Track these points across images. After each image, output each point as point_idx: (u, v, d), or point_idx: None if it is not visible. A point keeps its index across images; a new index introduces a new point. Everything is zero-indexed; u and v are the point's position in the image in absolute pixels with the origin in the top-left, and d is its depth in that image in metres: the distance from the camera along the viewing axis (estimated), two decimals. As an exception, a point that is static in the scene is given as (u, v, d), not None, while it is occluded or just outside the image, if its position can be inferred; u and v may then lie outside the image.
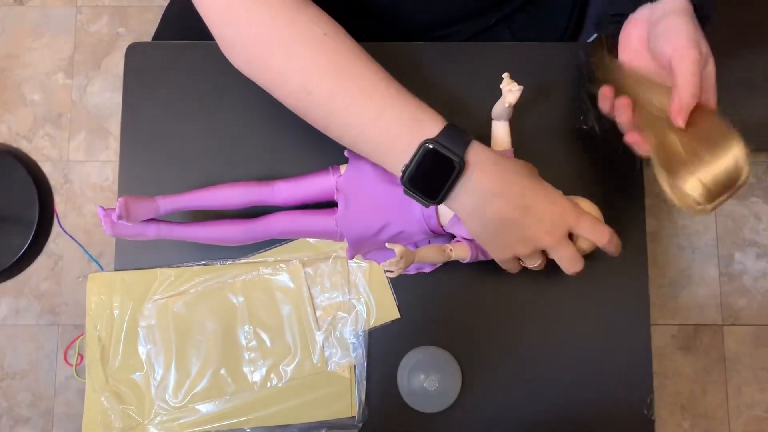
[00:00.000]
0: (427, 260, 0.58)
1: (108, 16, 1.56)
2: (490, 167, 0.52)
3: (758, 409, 1.44)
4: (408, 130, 0.52)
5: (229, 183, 0.63)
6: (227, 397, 0.65)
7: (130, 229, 0.62)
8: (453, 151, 0.50)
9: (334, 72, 0.52)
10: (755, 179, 1.51)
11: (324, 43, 0.52)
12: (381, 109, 0.52)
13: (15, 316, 1.47)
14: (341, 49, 0.53)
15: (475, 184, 0.52)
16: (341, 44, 0.53)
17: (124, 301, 0.66)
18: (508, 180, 0.52)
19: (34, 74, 1.54)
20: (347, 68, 0.52)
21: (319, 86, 0.52)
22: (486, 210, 0.52)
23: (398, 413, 0.65)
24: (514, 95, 0.56)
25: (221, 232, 0.63)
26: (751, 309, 1.47)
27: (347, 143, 0.56)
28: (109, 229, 0.61)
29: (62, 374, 1.45)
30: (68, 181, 1.50)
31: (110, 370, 0.65)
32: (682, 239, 1.49)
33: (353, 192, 0.61)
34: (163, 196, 0.62)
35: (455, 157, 0.50)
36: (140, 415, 0.65)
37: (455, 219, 0.59)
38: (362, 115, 0.52)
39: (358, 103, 0.52)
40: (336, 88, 0.52)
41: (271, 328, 0.66)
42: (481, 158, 0.52)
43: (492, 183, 0.52)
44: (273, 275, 0.66)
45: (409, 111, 0.52)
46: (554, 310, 0.67)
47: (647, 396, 0.66)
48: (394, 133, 0.52)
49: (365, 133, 0.53)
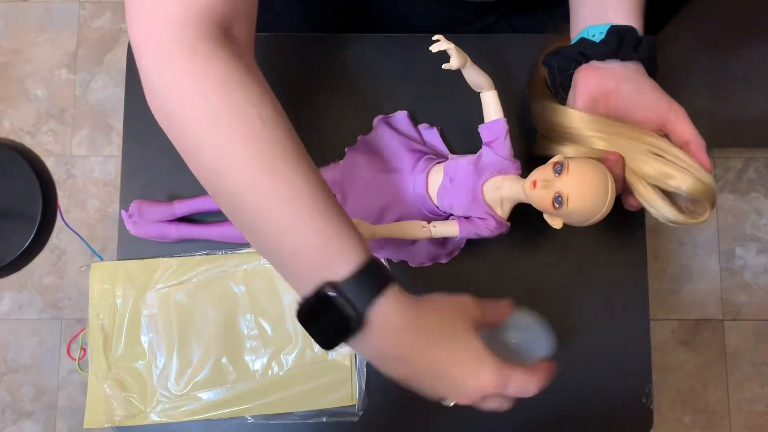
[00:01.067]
0: (400, 235, 0.57)
1: (111, 12, 1.57)
2: (395, 333, 0.45)
3: (759, 404, 1.45)
4: (311, 261, 0.45)
5: None
6: (229, 385, 0.65)
7: (152, 230, 0.66)
8: (353, 305, 0.43)
9: (256, 164, 0.44)
10: (756, 175, 1.51)
11: (254, 128, 0.44)
12: (290, 225, 0.44)
13: (18, 311, 1.48)
14: (273, 141, 0.45)
15: (371, 345, 0.46)
16: (276, 134, 0.45)
17: (127, 290, 0.67)
18: (416, 352, 0.46)
19: (38, 69, 1.55)
20: (273, 164, 0.44)
21: (233, 174, 0.44)
22: (387, 368, 0.47)
23: (398, 402, 0.66)
24: (455, 60, 0.53)
25: (236, 231, 0.65)
26: (752, 304, 1.47)
27: (253, 244, 0.49)
28: (132, 229, 0.66)
29: (65, 368, 1.46)
30: (71, 176, 1.51)
31: (113, 358, 0.66)
32: (683, 234, 1.49)
33: (348, 182, 0.62)
34: (180, 201, 0.66)
35: (353, 314, 0.43)
36: (142, 402, 0.65)
37: (441, 191, 0.59)
38: (268, 223, 0.45)
39: (267, 208, 0.44)
40: (250, 183, 0.44)
41: (273, 317, 0.66)
42: (387, 319, 0.45)
43: (392, 349, 0.46)
44: (274, 265, 0.67)
45: (323, 237, 0.44)
46: (554, 300, 0.67)
47: (646, 386, 0.66)
48: (297, 259, 0.45)
49: (268, 245, 0.46)
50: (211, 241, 0.67)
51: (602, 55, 0.57)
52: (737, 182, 1.51)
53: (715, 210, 1.50)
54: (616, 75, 0.56)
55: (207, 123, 0.44)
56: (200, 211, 0.67)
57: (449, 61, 0.54)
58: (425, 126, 0.68)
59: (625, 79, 0.56)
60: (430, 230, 0.57)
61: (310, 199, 0.45)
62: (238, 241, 0.67)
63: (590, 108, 0.56)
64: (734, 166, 1.52)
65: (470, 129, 0.60)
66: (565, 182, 0.52)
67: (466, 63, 0.55)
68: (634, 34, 0.56)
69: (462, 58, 0.54)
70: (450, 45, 0.53)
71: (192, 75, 0.44)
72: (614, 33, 0.56)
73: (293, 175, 0.45)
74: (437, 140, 0.67)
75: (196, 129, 0.45)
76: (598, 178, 0.52)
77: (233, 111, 0.44)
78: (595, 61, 0.57)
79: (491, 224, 0.57)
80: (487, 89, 0.58)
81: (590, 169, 0.52)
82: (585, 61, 0.57)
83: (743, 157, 1.52)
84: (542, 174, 0.53)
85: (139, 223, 0.66)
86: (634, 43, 0.56)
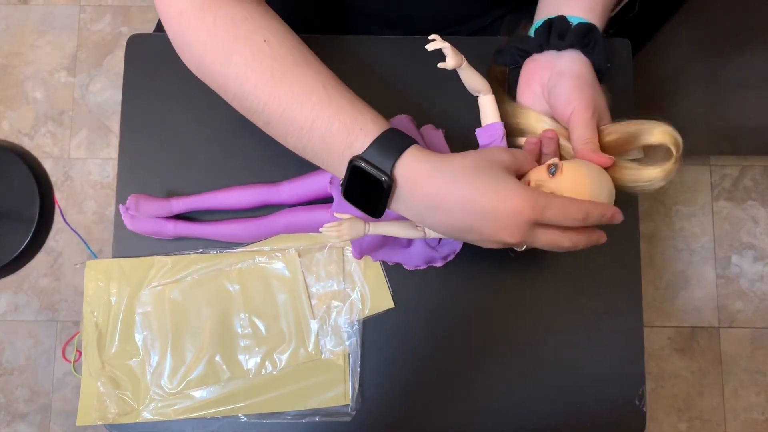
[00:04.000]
0: (393, 234, 0.57)
1: (111, 15, 1.57)
2: (423, 181, 0.49)
3: (755, 412, 1.45)
4: (338, 144, 0.51)
5: (239, 186, 0.66)
6: (222, 383, 0.65)
7: (149, 227, 0.66)
8: (380, 169, 0.49)
9: (270, 79, 0.51)
10: (752, 182, 1.51)
11: (262, 50, 0.51)
12: (312, 118, 0.51)
13: (14, 312, 1.47)
14: (279, 56, 0.52)
15: (408, 201, 0.50)
16: (281, 51, 0.52)
17: (122, 287, 0.67)
18: (443, 193, 0.49)
19: (37, 72, 1.55)
20: (283, 75, 0.51)
21: (255, 93, 0.52)
22: (431, 221, 0.51)
23: (392, 402, 0.66)
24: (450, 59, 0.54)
25: (233, 230, 0.66)
26: (748, 312, 1.47)
27: (292, 149, 0.55)
28: (129, 224, 0.66)
29: (60, 370, 1.46)
30: (69, 178, 1.51)
31: (106, 355, 0.66)
32: (679, 241, 1.49)
33: None
34: (177, 198, 0.66)
35: (382, 176, 0.49)
36: (135, 400, 0.65)
37: None
38: (295, 124, 0.51)
39: (291, 111, 0.51)
40: (270, 95, 0.51)
41: (267, 316, 0.66)
42: (412, 172, 0.49)
43: (425, 198, 0.49)
44: (269, 264, 0.67)
45: (341, 120, 0.50)
46: (547, 302, 0.67)
47: (639, 388, 0.66)
48: (327, 145, 0.51)
49: (302, 142, 0.52)
50: (208, 239, 0.67)
51: (535, 46, 0.59)
52: (733, 190, 1.52)
53: (712, 217, 1.50)
54: (551, 68, 0.58)
55: (223, 61, 0.52)
56: (197, 209, 0.67)
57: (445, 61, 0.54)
58: (431, 127, 0.67)
59: (558, 76, 0.57)
60: (423, 230, 0.58)
61: (325, 93, 0.51)
62: (235, 240, 0.67)
63: (532, 102, 0.59)
64: (730, 174, 1.52)
65: (469, 132, 0.61)
66: (558, 183, 0.52)
67: (462, 64, 0.55)
68: (563, 23, 0.57)
69: (458, 58, 0.55)
70: (445, 44, 0.54)
71: (205, 25, 0.52)
72: (545, 24, 0.58)
73: (305, 77, 0.51)
74: (441, 142, 0.66)
75: (217, 68, 0.53)
76: (592, 180, 0.52)
77: (241, 44, 0.52)
78: (536, 54, 0.59)
79: None
80: (484, 93, 0.58)
81: (585, 170, 0.52)
82: (527, 55, 0.60)
83: (739, 164, 1.52)
84: (536, 175, 0.53)
85: (136, 218, 0.66)
86: (560, 31, 0.57)
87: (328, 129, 0.50)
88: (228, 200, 0.66)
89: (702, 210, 1.51)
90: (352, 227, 0.55)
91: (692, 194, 1.51)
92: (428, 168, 0.49)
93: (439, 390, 0.66)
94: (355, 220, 0.55)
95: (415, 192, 0.49)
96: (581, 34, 0.57)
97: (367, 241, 0.62)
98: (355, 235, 0.55)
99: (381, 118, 0.52)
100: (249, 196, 0.66)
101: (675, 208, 1.51)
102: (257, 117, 0.54)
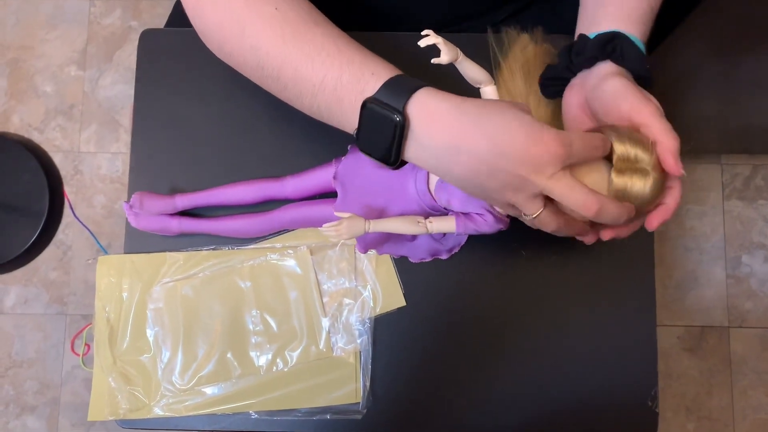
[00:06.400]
0: (395, 230, 0.57)
1: (121, 9, 1.57)
2: (444, 119, 0.46)
3: (763, 412, 1.44)
4: (350, 91, 0.49)
5: (243, 182, 0.66)
6: (233, 380, 0.65)
7: (154, 224, 0.66)
8: (391, 106, 0.46)
9: (281, 42, 0.51)
10: (764, 182, 1.50)
11: (273, 17, 0.52)
12: (324, 72, 0.50)
13: (23, 305, 1.48)
14: (290, 20, 0.52)
15: (426, 142, 0.47)
16: (291, 15, 0.52)
17: (133, 283, 0.67)
18: (469, 130, 0.45)
19: (47, 66, 1.55)
20: (293, 36, 0.51)
21: (268, 60, 0.52)
22: (453, 166, 0.47)
23: (402, 400, 0.66)
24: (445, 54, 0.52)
25: (238, 226, 0.66)
26: (758, 312, 1.47)
27: (309, 113, 0.55)
28: (134, 221, 0.66)
29: (69, 363, 1.46)
30: (78, 172, 1.52)
31: (118, 351, 0.66)
32: (690, 241, 1.49)
33: (349, 178, 0.62)
34: (181, 195, 0.66)
35: (394, 113, 0.46)
36: (147, 396, 0.65)
37: (438, 186, 0.58)
38: (307, 82, 0.51)
39: (302, 69, 0.51)
40: (282, 58, 0.51)
41: (278, 313, 0.66)
42: (430, 111, 0.46)
43: (447, 137, 0.46)
44: (280, 261, 0.67)
45: (352, 70, 0.50)
46: (559, 302, 0.67)
47: (651, 389, 0.66)
48: (338, 95, 0.50)
49: (316, 100, 0.52)
50: (213, 235, 0.67)
51: (563, 70, 0.57)
52: (745, 189, 1.51)
53: (723, 217, 1.49)
54: (583, 85, 0.56)
55: (239, 34, 0.53)
56: (202, 205, 0.67)
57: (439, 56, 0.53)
58: None
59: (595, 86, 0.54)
60: (426, 225, 0.57)
61: (335, 47, 0.51)
62: (240, 235, 0.67)
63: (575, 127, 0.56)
64: (742, 173, 1.51)
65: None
66: None
67: (459, 57, 0.54)
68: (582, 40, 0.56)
69: (453, 52, 0.53)
70: (439, 39, 0.52)
71: (220, 5, 0.54)
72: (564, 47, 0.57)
73: (315, 37, 0.51)
74: None
75: (236, 43, 0.54)
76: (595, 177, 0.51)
77: (254, 16, 0.52)
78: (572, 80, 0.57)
79: (489, 219, 0.57)
80: (486, 83, 0.57)
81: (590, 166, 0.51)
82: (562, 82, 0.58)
83: (751, 164, 1.51)
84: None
85: (140, 215, 0.66)
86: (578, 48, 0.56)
87: (339, 79, 0.49)
88: (232, 196, 0.66)
89: (713, 209, 1.50)
90: (351, 226, 0.55)
91: (703, 193, 1.50)
92: (448, 106, 0.46)
93: (450, 389, 0.66)
94: (355, 218, 0.55)
95: (433, 132, 0.46)
96: (601, 43, 0.54)
97: (371, 235, 0.62)
98: (355, 234, 0.55)
99: (392, 67, 0.50)
100: (253, 191, 0.66)
101: (686, 207, 1.50)
102: (274, 84, 0.54)
